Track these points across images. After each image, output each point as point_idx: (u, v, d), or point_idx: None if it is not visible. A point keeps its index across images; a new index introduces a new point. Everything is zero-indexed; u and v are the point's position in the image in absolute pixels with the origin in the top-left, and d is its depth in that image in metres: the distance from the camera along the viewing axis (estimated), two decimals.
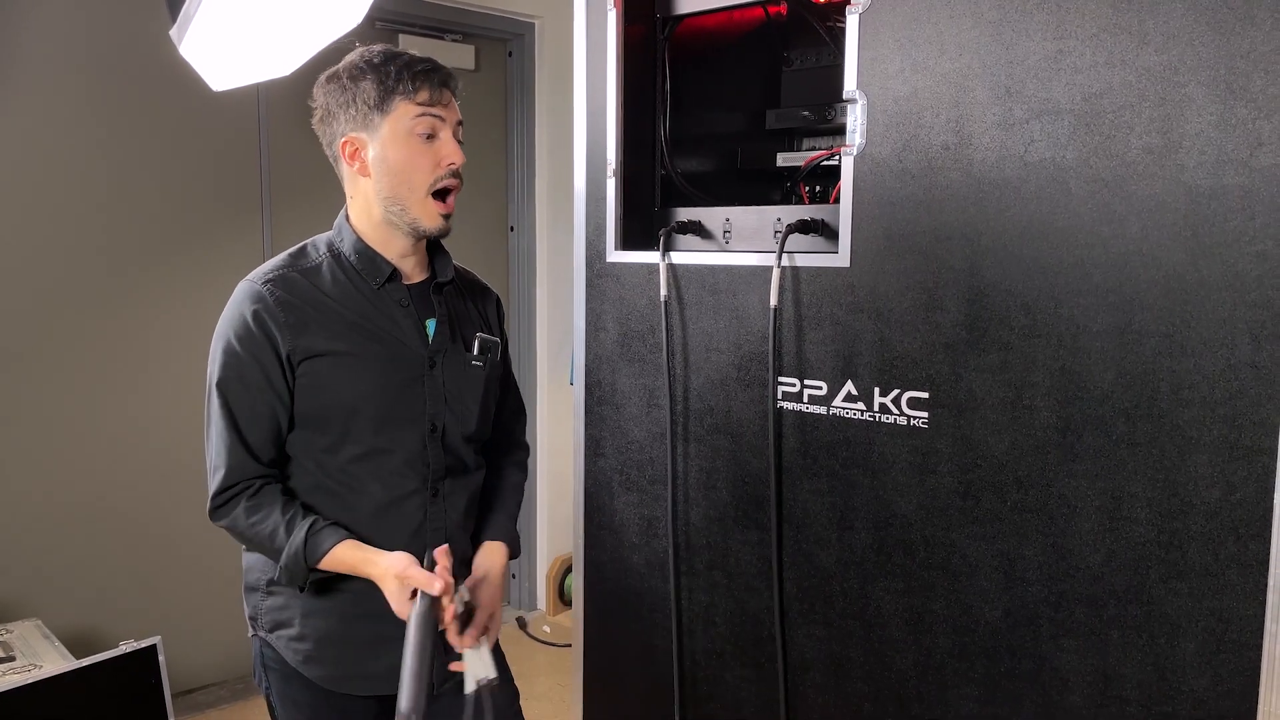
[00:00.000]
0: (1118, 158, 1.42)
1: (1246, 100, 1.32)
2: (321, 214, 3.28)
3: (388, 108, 1.46)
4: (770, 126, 2.15)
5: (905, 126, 1.62)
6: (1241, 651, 1.38)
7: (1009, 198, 1.52)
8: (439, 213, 1.51)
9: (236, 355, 1.47)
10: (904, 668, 1.71)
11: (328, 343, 1.47)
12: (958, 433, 1.61)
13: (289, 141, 3.23)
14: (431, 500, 1.54)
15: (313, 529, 1.44)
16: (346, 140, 1.50)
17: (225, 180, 3.14)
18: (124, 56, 2.88)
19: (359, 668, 1.52)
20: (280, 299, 1.47)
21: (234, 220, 3.17)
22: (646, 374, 2.00)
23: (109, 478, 2.97)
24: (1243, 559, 1.37)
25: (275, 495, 1.49)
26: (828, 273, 1.73)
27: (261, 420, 1.48)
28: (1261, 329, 1.33)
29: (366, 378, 1.49)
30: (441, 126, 1.49)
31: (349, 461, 1.50)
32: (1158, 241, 1.40)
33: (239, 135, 3.15)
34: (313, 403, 1.48)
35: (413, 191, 1.48)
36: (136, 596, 3.02)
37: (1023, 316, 1.53)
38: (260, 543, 1.48)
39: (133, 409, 3.00)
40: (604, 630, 2.14)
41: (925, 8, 1.58)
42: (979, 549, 1.60)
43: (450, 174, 1.50)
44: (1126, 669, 1.48)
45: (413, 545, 1.51)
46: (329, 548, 1.44)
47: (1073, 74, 1.45)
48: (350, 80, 1.48)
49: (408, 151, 1.47)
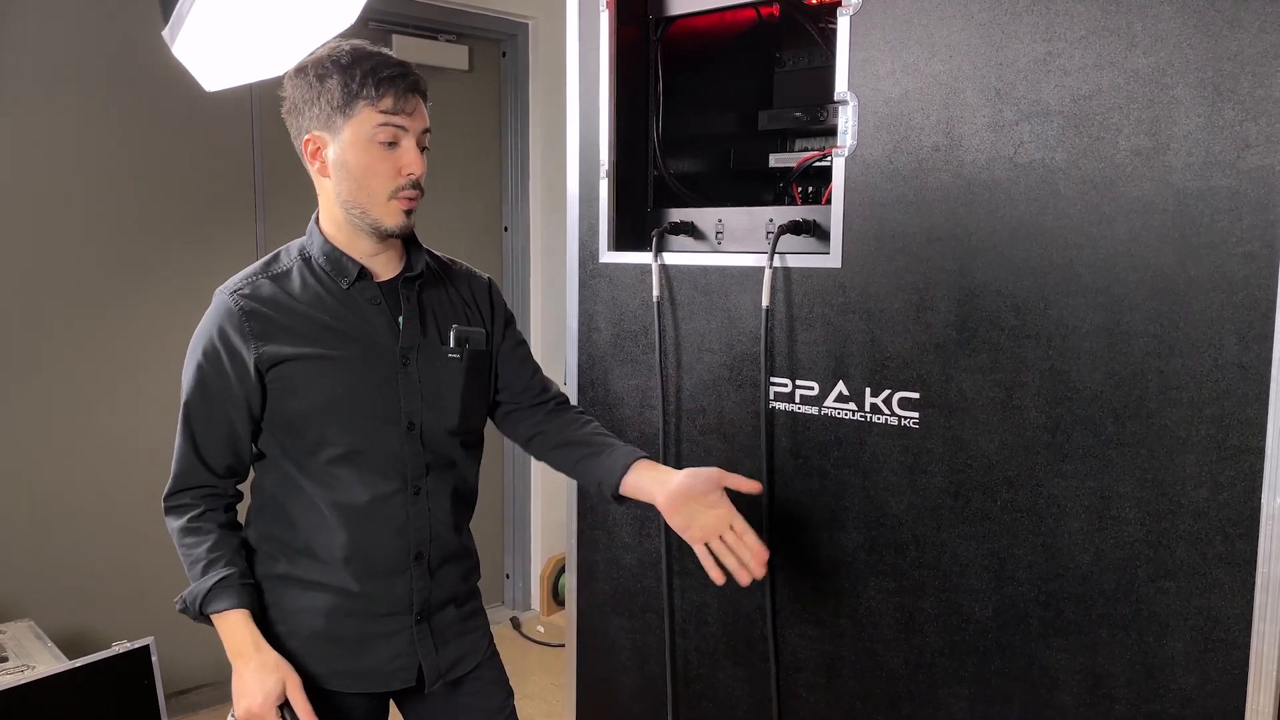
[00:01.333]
0: (1106, 159, 1.43)
1: (1234, 102, 1.33)
2: None
3: (350, 111, 1.44)
4: (763, 127, 2.16)
5: (896, 128, 1.63)
6: (1229, 650, 1.39)
7: (999, 199, 1.53)
8: (401, 209, 1.49)
9: (200, 366, 1.49)
10: (895, 666, 1.71)
11: (296, 347, 1.47)
12: (948, 433, 1.61)
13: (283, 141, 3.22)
14: (413, 499, 1.54)
15: (221, 582, 1.45)
16: (309, 138, 1.48)
17: (219, 180, 3.14)
18: (115, 58, 2.88)
19: (344, 664, 1.53)
20: (246, 308, 1.48)
21: (228, 221, 3.17)
22: (640, 374, 2.01)
23: (101, 478, 2.97)
24: (1230, 558, 1.38)
25: (213, 525, 1.50)
26: (819, 273, 1.73)
27: (218, 428, 1.49)
28: (1249, 329, 1.34)
29: (339, 379, 1.49)
30: (404, 135, 1.46)
31: (328, 463, 1.50)
32: (1146, 243, 1.41)
33: (232, 135, 3.15)
34: (286, 406, 1.49)
35: (371, 197, 1.47)
36: (127, 597, 3.02)
37: (1012, 317, 1.54)
38: (184, 562, 1.50)
39: (124, 409, 3.00)
40: (597, 630, 2.15)
41: (916, 10, 1.59)
42: (969, 548, 1.61)
43: (410, 184, 1.48)
44: (1115, 667, 1.49)
45: (397, 544, 1.53)
46: (222, 609, 1.46)
47: (1062, 76, 1.46)
48: (317, 78, 1.45)
49: (367, 158, 1.45)
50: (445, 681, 1.60)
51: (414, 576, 1.54)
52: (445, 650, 1.60)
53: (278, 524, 1.53)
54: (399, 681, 1.56)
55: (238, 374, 1.47)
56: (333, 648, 1.52)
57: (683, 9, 2.01)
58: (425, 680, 1.58)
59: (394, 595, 1.54)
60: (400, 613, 1.54)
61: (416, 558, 1.54)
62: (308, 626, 1.51)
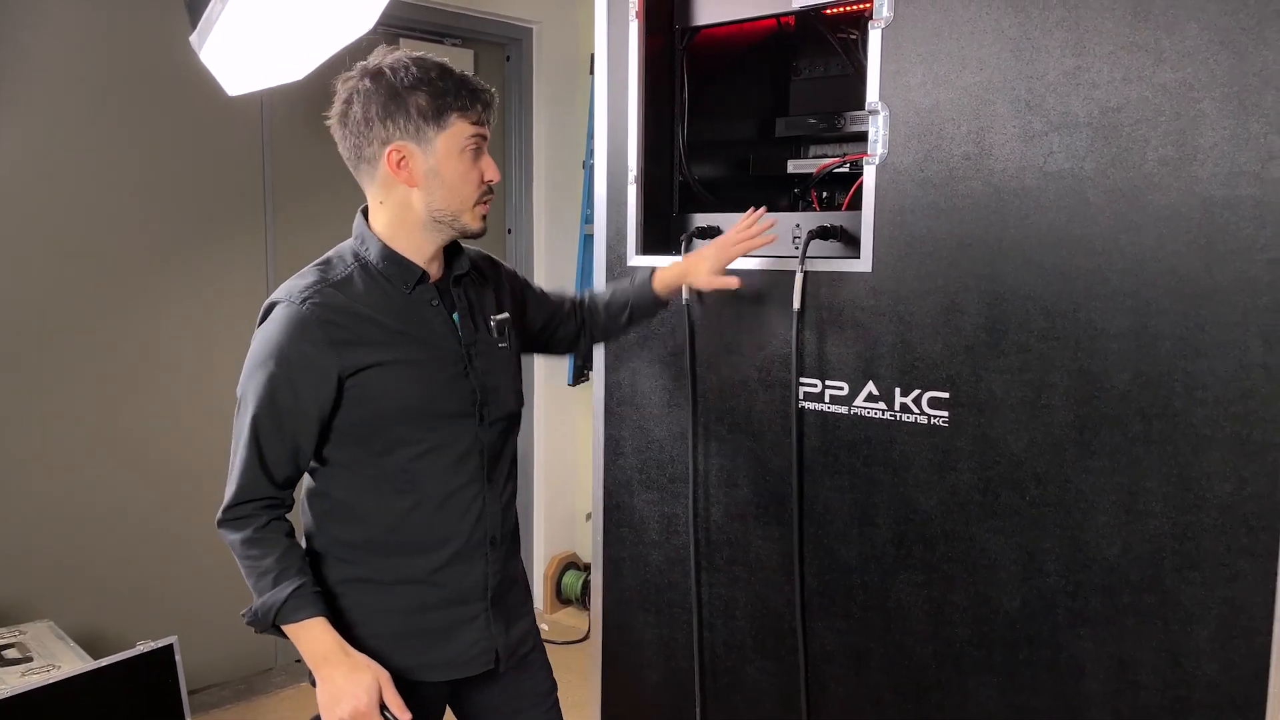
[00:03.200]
0: (1135, 169, 1.50)
1: (1259, 116, 1.40)
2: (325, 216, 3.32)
3: (444, 123, 1.47)
4: (780, 134, 2.22)
5: (927, 137, 1.68)
6: (1253, 638, 1.46)
7: (1029, 206, 1.59)
8: (481, 214, 1.57)
9: (272, 377, 1.46)
10: (924, 657, 1.77)
11: (374, 354, 1.49)
12: (977, 431, 1.67)
13: (291, 144, 3.25)
14: (487, 486, 1.59)
15: (297, 592, 1.46)
16: (394, 148, 1.48)
17: (228, 183, 3.16)
18: (127, 62, 2.89)
19: (429, 656, 1.56)
20: (323, 318, 1.46)
21: (237, 223, 3.19)
22: (667, 375, 2.06)
23: (116, 479, 2.98)
24: (1254, 549, 1.44)
25: (278, 536, 1.49)
26: (850, 277, 1.79)
27: (286, 443, 1.48)
28: (1273, 332, 1.41)
29: (415, 382, 1.52)
30: (485, 144, 1.54)
31: (408, 461, 1.52)
32: (1173, 249, 1.48)
33: (242, 138, 3.17)
34: (364, 412, 1.50)
35: (463, 203, 1.52)
36: (142, 596, 3.03)
37: (1042, 320, 1.60)
38: (248, 574, 1.49)
39: (141, 410, 3.01)
40: (623, 625, 2.19)
41: (947, 24, 1.64)
42: (998, 542, 1.67)
43: (488, 190, 1.56)
44: (1142, 656, 1.55)
45: (475, 531, 1.57)
46: (302, 619, 1.46)
47: (1090, 89, 1.52)
48: (405, 88, 1.47)
49: (461, 167, 1.50)
50: (513, 661, 1.65)
51: (489, 560, 1.59)
52: (514, 630, 1.65)
53: (350, 528, 1.55)
54: (480, 665, 1.60)
55: (315, 384, 1.47)
56: (416, 642, 1.56)
57: (708, 19, 2.06)
58: (500, 662, 1.62)
59: (472, 581, 1.58)
60: (477, 599, 1.59)
61: (491, 542, 1.58)
62: (390, 625, 1.55)
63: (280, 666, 3.45)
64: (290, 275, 1.56)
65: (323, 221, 3.36)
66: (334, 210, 3.37)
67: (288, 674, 3.43)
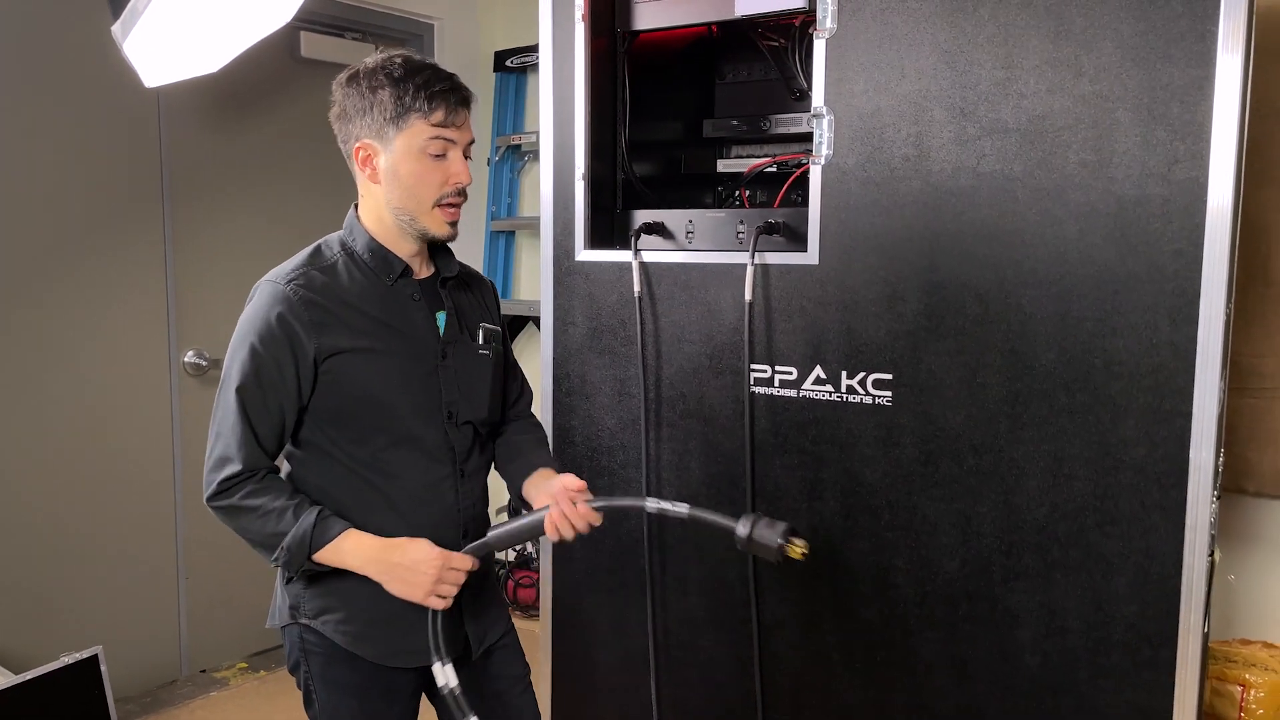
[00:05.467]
0: (1058, 171, 1.68)
1: (1165, 124, 1.60)
2: (225, 209, 3.24)
3: (403, 124, 1.52)
4: (707, 135, 2.34)
5: (869, 140, 1.83)
6: (1165, 582, 1.66)
7: (963, 204, 1.76)
8: (445, 220, 1.58)
9: (257, 354, 1.51)
10: (870, 619, 1.93)
11: (352, 339, 1.54)
12: (919, 409, 1.84)
13: (189, 136, 3.16)
14: (461, 480, 1.64)
15: (322, 513, 1.51)
16: (360, 145, 1.55)
17: (123, 176, 3.04)
18: (19, 51, 2.76)
19: (406, 642, 1.60)
20: (305, 298, 1.52)
21: (133, 217, 3.07)
22: (617, 365, 2.14)
23: (13, 487, 2.84)
24: (1165, 505, 1.65)
25: (282, 482, 1.56)
26: (797, 270, 1.92)
27: (273, 417, 1.54)
28: (1179, 313, 1.61)
29: (390, 371, 1.57)
30: (452, 147, 1.55)
31: (380, 450, 1.57)
32: (1092, 242, 1.67)
33: (137, 130, 3.06)
34: (337, 397, 1.55)
35: (420, 204, 1.55)
36: (64, 608, 2.90)
37: (976, 306, 1.77)
38: (260, 523, 1.51)
39: (31, 411, 2.87)
40: (574, 609, 2.27)
41: (887, 36, 1.79)
42: (938, 509, 1.84)
43: (455, 192, 1.57)
44: (1068, 603, 1.75)
45: (449, 522, 1.61)
46: (336, 534, 1.51)
47: (1019, 99, 1.70)
48: (370, 88, 1.52)
49: (418, 168, 1.53)
50: (484, 647, 1.70)
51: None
52: (485, 617, 1.70)
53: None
54: (451, 652, 1.64)
55: (296, 360, 1.51)
56: (390, 629, 1.59)
57: (648, 24, 2.15)
58: (471, 648, 1.67)
59: None
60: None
61: (464, 534, 1.63)
62: (365, 612, 1.57)
63: (186, 678, 3.35)
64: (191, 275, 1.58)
65: (224, 214, 3.28)
66: (237, 205, 3.32)
67: (194, 684, 3.33)
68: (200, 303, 3.21)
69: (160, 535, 3.20)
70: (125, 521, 3.09)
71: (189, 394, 3.22)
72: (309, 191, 3.43)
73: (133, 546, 3.11)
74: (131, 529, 3.11)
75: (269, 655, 3.53)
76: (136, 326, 3.10)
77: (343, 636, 1.57)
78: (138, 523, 3.12)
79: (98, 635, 2.91)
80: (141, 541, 3.14)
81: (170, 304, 3.15)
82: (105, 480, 3.02)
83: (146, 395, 3.13)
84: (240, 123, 3.30)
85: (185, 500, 3.24)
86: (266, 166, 3.37)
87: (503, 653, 1.75)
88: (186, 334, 3.20)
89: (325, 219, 1.61)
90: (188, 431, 3.22)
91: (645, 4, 2.12)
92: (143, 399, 3.12)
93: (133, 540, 3.12)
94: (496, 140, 3.81)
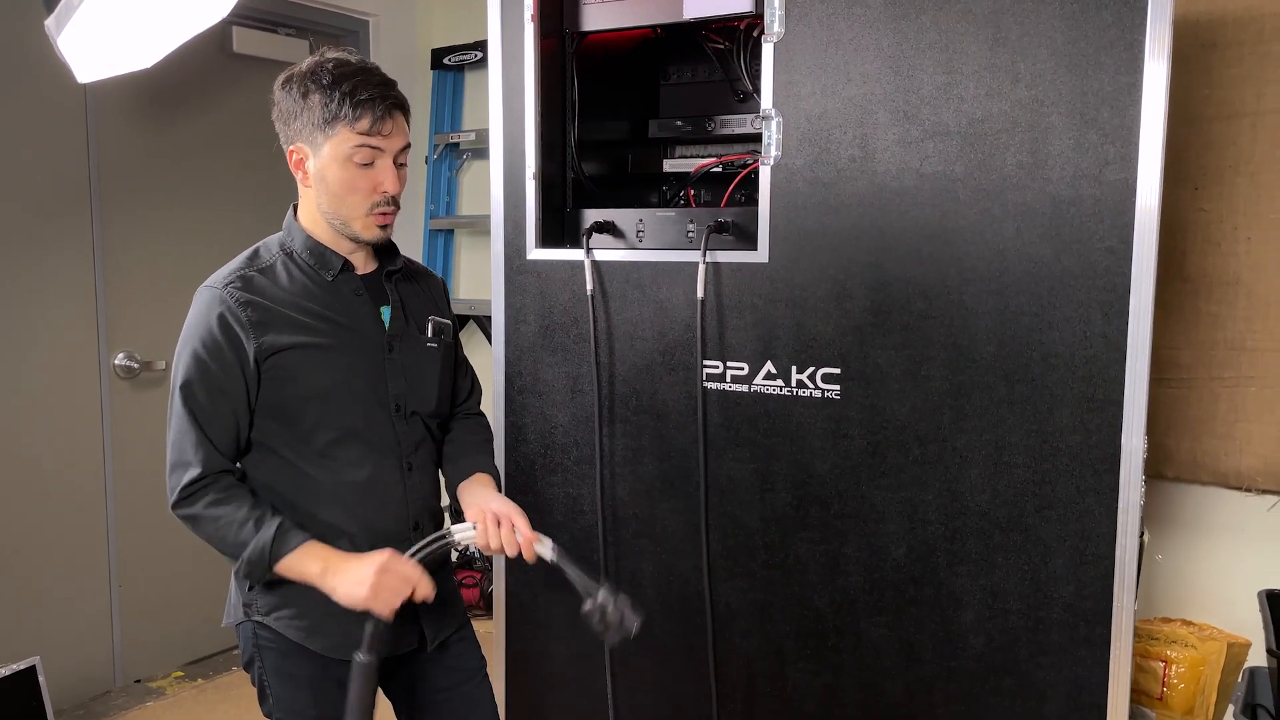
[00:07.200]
0: (997, 172, 1.76)
1: (1096, 128, 1.68)
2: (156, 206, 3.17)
3: (330, 131, 1.52)
4: (652, 135, 2.38)
5: (817, 142, 1.89)
6: (1099, 562, 1.75)
7: (907, 203, 1.83)
8: (376, 224, 1.59)
9: (200, 359, 1.53)
10: (821, 606, 1.98)
11: (292, 336, 1.55)
12: (866, 401, 1.90)
13: (118, 132, 3.08)
14: (409, 473, 1.65)
15: (282, 526, 1.52)
16: (293, 149, 1.57)
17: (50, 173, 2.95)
18: None
19: (354, 635, 1.60)
20: (242, 299, 1.54)
21: (60, 215, 2.99)
22: (570, 363, 2.17)
23: None
24: (1099, 489, 1.74)
25: (244, 492, 1.56)
26: (748, 268, 1.97)
27: (224, 420, 1.55)
28: (1110, 307, 1.70)
29: (333, 365, 1.58)
30: (380, 155, 1.54)
31: (326, 445, 1.59)
32: (1029, 240, 1.75)
33: (65, 127, 2.98)
34: (282, 394, 1.56)
35: (350, 210, 1.57)
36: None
37: (920, 302, 1.84)
38: (222, 533, 1.52)
39: None
40: (527, 606, 2.28)
41: (833, 41, 1.85)
42: (885, 498, 1.90)
43: (385, 201, 1.57)
44: (1009, 585, 1.83)
45: (398, 515, 1.63)
46: (296, 545, 1.52)
47: (959, 103, 1.77)
48: (301, 94, 1.53)
49: (345, 175, 1.54)
50: (439, 641, 1.71)
51: (412, 544, 1.64)
52: (440, 610, 1.71)
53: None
54: (404, 645, 1.65)
55: (239, 362, 1.52)
56: (342, 621, 1.59)
57: (597, 25, 2.18)
58: (426, 641, 1.68)
59: None
60: None
61: (415, 527, 1.64)
62: (318, 606, 1.57)
63: (121, 688, 3.27)
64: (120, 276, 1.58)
65: (154, 217, 3.21)
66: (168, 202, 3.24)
67: (130, 695, 3.26)
68: (131, 303, 3.14)
69: (92, 542, 3.12)
70: (56, 528, 3.00)
71: (120, 397, 3.15)
72: (242, 189, 3.38)
73: (64, 554, 3.03)
74: (62, 536, 3.02)
75: (206, 663, 3.46)
76: (64, 328, 3.01)
77: (295, 631, 1.58)
78: (69, 529, 3.04)
79: (30, 646, 2.83)
80: (72, 549, 3.06)
81: (100, 305, 3.07)
82: (34, 486, 2.94)
83: (76, 399, 3.05)
84: (171, 119, 3.23)
85: (117, 506, 3.16)
86: (197, 163, 3.31)
87: (459, 645, 1.77)
88: (117, 336, 3.12)
89: (259, 215, 1.62)
90: (119, 436, 3.14)
91: (594, 5, 2.14)
92: (72, 403, 3.04)
93: (63, 548, 3.03)
94: (434, 138, 3.79)
